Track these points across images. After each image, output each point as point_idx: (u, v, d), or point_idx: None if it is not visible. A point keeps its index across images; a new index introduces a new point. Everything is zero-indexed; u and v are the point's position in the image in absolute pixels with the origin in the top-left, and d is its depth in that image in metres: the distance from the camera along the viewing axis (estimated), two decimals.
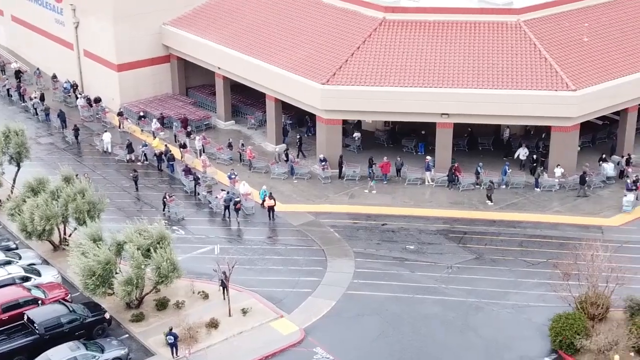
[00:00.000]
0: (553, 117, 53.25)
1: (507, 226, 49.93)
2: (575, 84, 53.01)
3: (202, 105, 68.05)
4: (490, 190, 52.31)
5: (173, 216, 51.58)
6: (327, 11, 62.05)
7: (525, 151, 54.24)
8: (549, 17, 58.81)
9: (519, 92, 52.93)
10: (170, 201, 51.88)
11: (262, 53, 60.09)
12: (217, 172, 56.34)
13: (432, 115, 54.59)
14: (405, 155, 58.24)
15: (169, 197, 52.16)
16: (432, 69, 54.96)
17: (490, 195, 52.17)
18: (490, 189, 52.30)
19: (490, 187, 52.34)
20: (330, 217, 51.32)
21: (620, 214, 50.91)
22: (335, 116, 55.57)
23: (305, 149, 60.58)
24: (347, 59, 56.22)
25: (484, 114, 53.80)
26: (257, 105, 64.82)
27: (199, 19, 67.03)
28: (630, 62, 56.24)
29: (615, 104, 55.24)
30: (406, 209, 52.20)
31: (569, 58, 55.35)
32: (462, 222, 50.46)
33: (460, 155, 57.62)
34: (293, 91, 57.29)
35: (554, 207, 52.01)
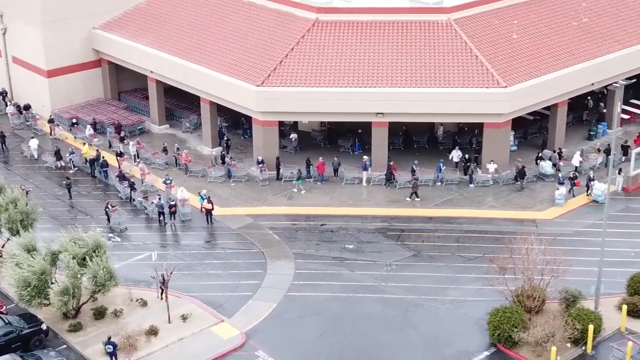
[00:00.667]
0: (485, 113, 54.08)
1: (444, 222, 50.55)
2: (505, 80, 53.92)
3: (135, 110, 67.26)
4: (415, 187, 52.85)
5: (115, 226, 50.46)
6: (260, 13, 61.93)
7: (459, 153, 55.03)
8: (479, 15, 59.71)
9: (452, 90, 53.63)
10: (112, 211, 50.81)
11: (196, 56, 59.68)
12: (158, 180, 55.32)
13: (368, 115, 54.93)
14: (342, 155, 58.50)
15: (112, 207, 51.05)
16: (366, 69, 55.31)
17: (415, 192, 52.72)
18: (415, 186, 52.85)
19: (415, 184, 52.90)
20: (269, 219, 51.24)
21: (553, 207, 51.97)
22: (272, 118, 55.51)
23: (242, 151, 60.46)
24: (282, 60, 56.20)
25: (418, 112, 54.33)
26: (192, 109, 64.35)
27: (129, 22, 66.24)
28: (559, 58, 57.46)
29: (545, 100, 56.36)
30: (344, 208, 52.43)
31: (499, 55, 56.29)
32: (399, 220, 50.91)
33: (396, 153, 58.11)
34: (228, 94, 57.04)
35: (488, 202, 52.85)
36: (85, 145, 59.57)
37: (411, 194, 52.89)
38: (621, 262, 45.60)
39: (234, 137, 62.69)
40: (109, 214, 50.67)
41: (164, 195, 52.67)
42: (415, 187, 52.90)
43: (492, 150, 54.97)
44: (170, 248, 48.78)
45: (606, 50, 59.14)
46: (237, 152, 60.49)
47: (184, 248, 48.65)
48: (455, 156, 55.41)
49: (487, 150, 55.14)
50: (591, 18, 62.19)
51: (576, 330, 38.58)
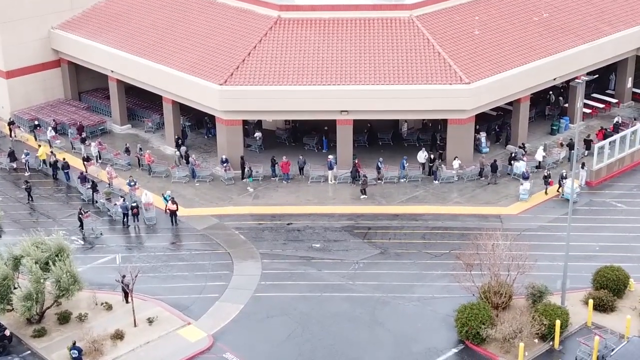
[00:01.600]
0: (448, 110, 54.20)
1: (409, 219, 50.58)
2: (468, 77, 54.09)
3: (96, 110, 66.43)
4: (364, 184, 52.77)
5: (89, 233, 49.38)
6: (221, 10, 61.44)
7: (425, 154, 55.03)
8: (441, 11, 59.82)
9: (415, 87, 53.64)
10: (85, 217, 49.64)
11: (157, 55, 59.02)
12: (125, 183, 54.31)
13: (332, 113, 54.75)
14: (308, 153, 58.28)
15: (84, 212, 49.75)
16: (329, 67, 55.12)
17: (365, 189, 52.65)
18: (364, 183, 52.78)
19: (364, 181, 52.82)
20: (234, 219, 50.87)
21: (518, 203, 52.25)
22: (235, 117, 55.10)
23: (206, 150, 59.98)
24: (244, 59, 55.80)
25: (382, 109, 54.30)
26: (154, 108, 63.67)
27: (89, 21, 65.34)
28: (520, 53, 57.77)
29: (508, 95, 56.64)
30: (311, 207, 52.24)
31: (462, 52, 56.45)
32: (366, 218, 50.85)
33: (361, 151, 58.06)
34: (190, 93, 56.50)
35: (453, 198, 52.99)
36: (40, 147, 58.58)
37: (361, 190, 52.77)
38: (586, 256, 46.01)
39: (198, 136, 62.25)
40: (82, 220, 49.51)
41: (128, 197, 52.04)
42: (365, 184, 52.75)
43: (456, 146, 55.12)
44: (134, 250, 48.19)
45: (567, 45, 59.58)
46: (201, 151, 60.03)
47: (149, 250, 48.09)
48: (421, 157, 55.23)
49: (452, 147, 55.28)
50: (552, 13, 62.63)
51: (543, 325, 38.79)
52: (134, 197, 52.00)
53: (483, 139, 57.64)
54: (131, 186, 52.86)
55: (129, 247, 48.60)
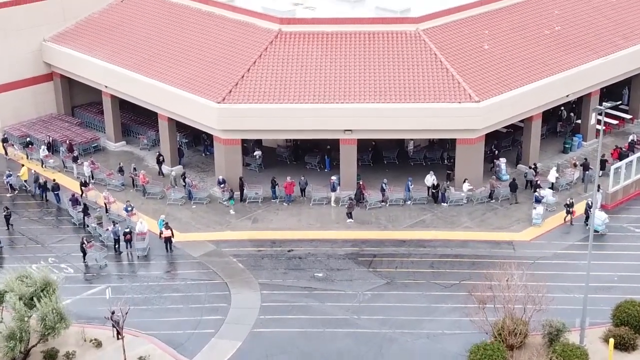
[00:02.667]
0: (457, 129, 51.64)
1: (417, 246, 48.02)
2: (478, 94, 51.54)
3: (90, 125, 63.96)
4: (351, 207, 50.19)
5: (93, 264, 46.56)
6: (220, 23, 58.93)
7: (433, 178, 52.15)
8: (449, 24, 57.26)
9: (422, 105, 51.10)
10: (89, 247, 46.67)
11: (152, 69, 56.50)
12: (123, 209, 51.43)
13: (335, 132, 52.24)
14: (309, 173, 55.77)
15: (87, 242, 46.69)
16: (332, 83, 52.60)
17: (351, 212, 50.10)
18: (351, 206, 50.17)
19: (351, 204, 50.21)
20: (232, 245, 48.32)
21: (530, 228, 49.66)
22: (234, 136, 52.56)
23: (204, 169, 57.50)
24: (244, 75, 53.28)
25: (387, 128, 51.76)
26: (150, 124, 61.10)
27: (82, 33, 62.85)
28: (532, 68, 55.23)
29: (520, 114, 54.10)
30: (313, 232, 49.68)
31: (471, 67, 53.89)
32: (371, 244, 48.29)
33: (365, 170, 55.52)
34: (187, 110, 54.00)
35: (463, 222, 50.42)
36: (23, 167, 55.90)
37: (347, 213, 50.24)
38: (604, 287, 43.48)
39: (195, 154, 59.73)
40: (85, 250, 46.57)
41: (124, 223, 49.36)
42: (351, 208, 50.14)
43: (466, 167, 52.55)
44: (126, 279, 45.62)
45: (580, 60, 57.01)
46: (199, 170, 57.53)
47: (142, 279, 45.54)
48: (429, 181, 52.31)
49: (460, 168, 52.71)
50: (564, 26, 60.09)
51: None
52: (130, 223, 49.29)
53: (503, 165, 54.29)
54: (128, 212, 50.16)
55: (121, 276, 46.03)
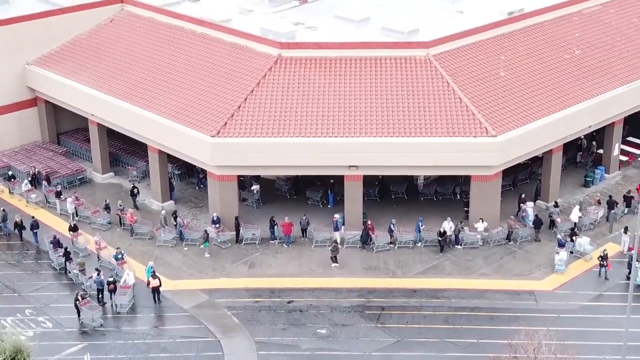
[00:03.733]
0: (472, 166, 47.46)
1: (429, 297, 43.78)
2: (495, 128, 47.36)
3: (76, 154, 59.81)
4: (335, 250, 46.15)
5: (88, 323, 42.05)
6: (215, 47, 54.76)
7: (451, 225, 47.64)
8: (461, 49, 53.06)
9: (434, 139, 46.92)
10: (84, 304, 42.11)
11: (141, 98, 52.32)
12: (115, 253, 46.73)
13: (339, 168, 48.07)
14: (311, 209, 51.63)
15: (82, 298, 42.13)
16: (337, 115, 48.44)
17: (335, 256, 46.08)
18: (335, 250, 46.10)
19: (335, 247, 46.14)
20: (227, 295, 44.10)
21: (553, 275, 45.45)
22: (229, 172, 48.37)
23: (197, 204, 53.32)
24: (240, 105, 49.10)
25: (395, 164, 47.59)
26: (140, 154, 56.88)
27: (68, 56, 58.69)
28: (553, 98, 51.02)
29: (539, 148, 49.91)
30: (315, 279, 45.46)
31: (486, 97, 49.70)
32: (378, 294, 44.06)
33: (372, 205, 51.33)
34: (178, 144, 49.84)
35: (479, 268, 46.19)
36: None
37: (332, 258, 46.21)
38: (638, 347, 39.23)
39: (188, 187, 55.53)
40: (79, 308, 42.06)
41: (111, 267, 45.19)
42: (336, 251, 46.09)
43: (481, 206, 48.36)
44: (109, 336, 41.35)
45: (604, 87, 52.84)
46: (191, 206, 53.34)
47: (126, 336, 41.25)
48: (447, 228, 47.46)
49: (476, 206, 48.50)
50: (584, 50, 55.92)
51: None
52: (119, 272, 44.99)
53: (530, 210, 49.46)
54: (118, 259, 45.79)
55: (103, 332, 41.75)
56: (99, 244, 47.08)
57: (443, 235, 46.97)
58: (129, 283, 43.25)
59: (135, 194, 52.56)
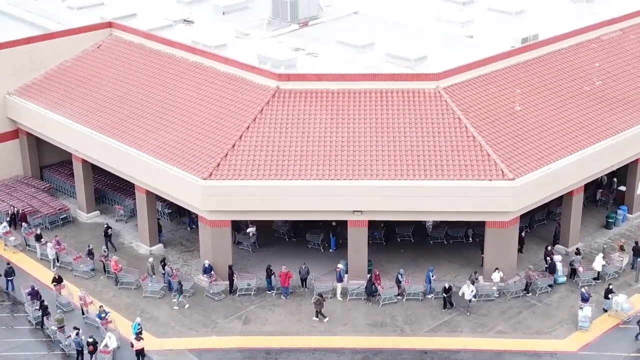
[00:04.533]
0: (488, 212, 43.51)
1: (442, 359, 39.73)
2: (512, 170, 43.42)
3: (61, 189, 55.97)
4: (319, 304, 42.25)
5: None
6: (209, 78, 50.90)
7: (472, 289, 43.10)
8: (473, 81, 49.22)
9: (445, 183, 42.98)
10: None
11: (128, 135, 48.42)
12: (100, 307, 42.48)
13: (343, 213, 44.14)
14: (311, 254, 47.79)
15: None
16: (339, 155, 44.51)
17: (320, 310, 42.24)
18: (319, 303, 42.21)
19: (319, 300, 42.24)
20: (218, 358, 40.11)
21: (576, 332, 41.46)
22: (223, 217, 44.43)
23: (188, 248, 49.40)
24: (235, 144, 45.20)
25: (403, 210, 43.62)
26: (127, 191, 52.87)
27: (51, 86, 54.84)
28: (573, 135, 47.10)
29: (560, 190, 45.99)
30: (316, 337, 41.42)
31: (501, 135, 45.79)
32: (385, 356, 40.03)
33: (377, 250, 47.38)
34: (167, 186, 45.91)
35: (495, 325, 42.16)
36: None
37: (316, 312, 42.37)
38: None
39: (178, 228, 51.58)
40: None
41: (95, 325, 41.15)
42: (320, 305, 42.21)
43: (497, 254, 44.39)
44: None
45: (628, 122, 48.97)
46: (182, 250, 49.42)
47: None
48: (467, 293, 42.67)
49: (491, 255, 44.53)
50: (605, 81, 52.08)
51: None
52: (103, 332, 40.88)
53: (559, 264, 45.09)
54: (101, 318, 41.58)
55: None
56: (84, 299, 42.95)
57: (448, 291, 42.77)
58: (109, 347, 39.12)
59: (110, 235, 48.78)
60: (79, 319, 42.73)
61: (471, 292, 42.01)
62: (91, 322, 42.15)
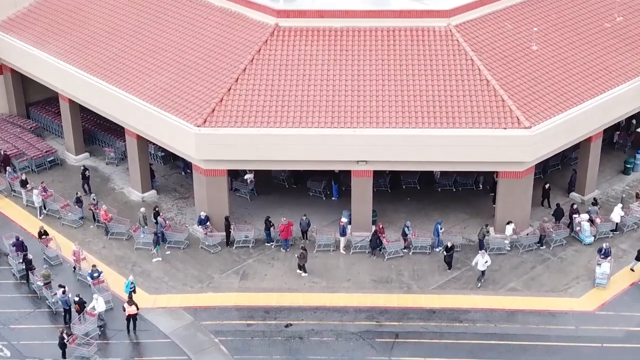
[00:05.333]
0: (501, 162, 40.76)
1: (451, 319, 37.56)
2: (528, 117, 40.50)
3: (48, 129, 53.14)
4: (302, 258, 39.98)
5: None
6: (204, 14, 47.46)
7: (486, 259, 39.85)
8: (486, 17, 45.89)
9: (456, 132, 40.09)
10: (72, 342, 35.26)
11: (118, 75, 45.28)
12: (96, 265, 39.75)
13: (346, 163, 41.41)
14: (312, 202, 45.26)
15: (68, 335, 35.17)
16: (343, 100, 41.49)
17: (303, 264, 40.01)
18: (302, 257, 39.92)
19: (302, 255, 39.93)
20: (214, 316, 37.88)
21: (593, 290, 39.19)
22: (218, 166, 41.70)
23: (183, 195, 46.85)
24: (230, 87, 42.14)
25: (411, 160, 40.85)
26: (118, 132, 49.85)
27: (36, 20, 51.44)
28: (593, 76, 44.02)
29: (578, 137, 43.16)
30: (317, 294, 39.16)
31: (517, 78, 42.71)
32: (391, 316, 37.84)
33: (382, 198, 44.84)
34: (158, 133, 43.05)
35: (507, 281, 39.87)
36: None
37: (299, 266, 40.21)
38: None
39: (172, 173, 48.95)
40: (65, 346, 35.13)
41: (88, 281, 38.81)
42: (303, 259, 39.93)
43: (510, 206, 41.84)
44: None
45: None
46: (176, 197, 46.86)
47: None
48: (480, 264, 39.45)
49: (503, 207, 41.96)
50: (627, 17, 48.66)
51: None
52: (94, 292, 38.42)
53: (586, 225, 42.07)
54: (93, 278, 38.91)
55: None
56: (77, 255, 40.41)
57: (449, 250, 40.15)
58: (95, 311, 36.74)
59: (87, 177, 46.59)
60: (69, 274, 40.39)
61: (485, 263, 38.99)
62: (83, 280, 39.75)
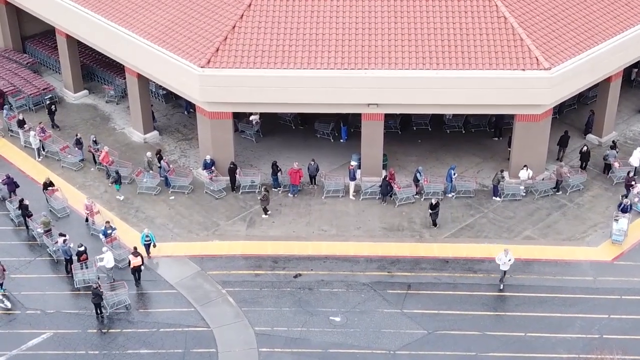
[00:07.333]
0: (519, 105, 39.10)
1: (465, 269, 36.51)
2: (548, 58, 38.65)
3: (45, 64, 51.27)
4: (265, 200, 38.74)
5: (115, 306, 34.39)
6: None
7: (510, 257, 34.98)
8: None
9: (472, 73, 38.29)
10: None
11: (118, 11, 43.13)
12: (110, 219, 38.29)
13: (356, 106, 39.74)
14: (321, 144, 43.82)
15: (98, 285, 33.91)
16: (353, 41, 39.52)
17: (266, 207, 38.89)
18: (265, 199, 38.69)
19: (265, 197, 38.70)
20: (221, 265, 36.80)
21: (609, 242, 37.96)
22: (223, 109, 40.01)
23: (186, 136, 45.30)
24: (235, 25, 40.12)
25: (424, 103, 39.16)
26: (118, 68, 47.90)
27: None
28: (614, 13, 41.97)
29: (599, 77, 41.37)
30: (326, 243, 37.99)
31: (536, 15, 40.68)
32: (403, 265, 36.76)
33: (392, 140, 43.24)
34: (160, 73, 41.21)
35: (522, 229, 38.68)
36: None
37: (263, 209, 39.08)
38: None
39: (175, 112, 47.28)
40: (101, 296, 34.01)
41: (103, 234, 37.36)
42: (265, 201, 38.70)
43: (526, 150, 40.35)
44: (79, 323, 34.21)
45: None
46: (179, 138, 45.32)
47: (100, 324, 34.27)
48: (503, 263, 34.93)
49: (519, 151, 40.46)
50: None
51: None
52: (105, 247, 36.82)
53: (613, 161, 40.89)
54: (107, 235, 37.20)
55: (72, 315, 34.53)
56: (90, 208, 38.72)
57: (435, 207, 38.31)
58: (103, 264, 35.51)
59: (53, 112, 45.24)
60: (78, 228, 38.80)
61: (508, 261, 34.92)
62: (96, 234, 38.35)
